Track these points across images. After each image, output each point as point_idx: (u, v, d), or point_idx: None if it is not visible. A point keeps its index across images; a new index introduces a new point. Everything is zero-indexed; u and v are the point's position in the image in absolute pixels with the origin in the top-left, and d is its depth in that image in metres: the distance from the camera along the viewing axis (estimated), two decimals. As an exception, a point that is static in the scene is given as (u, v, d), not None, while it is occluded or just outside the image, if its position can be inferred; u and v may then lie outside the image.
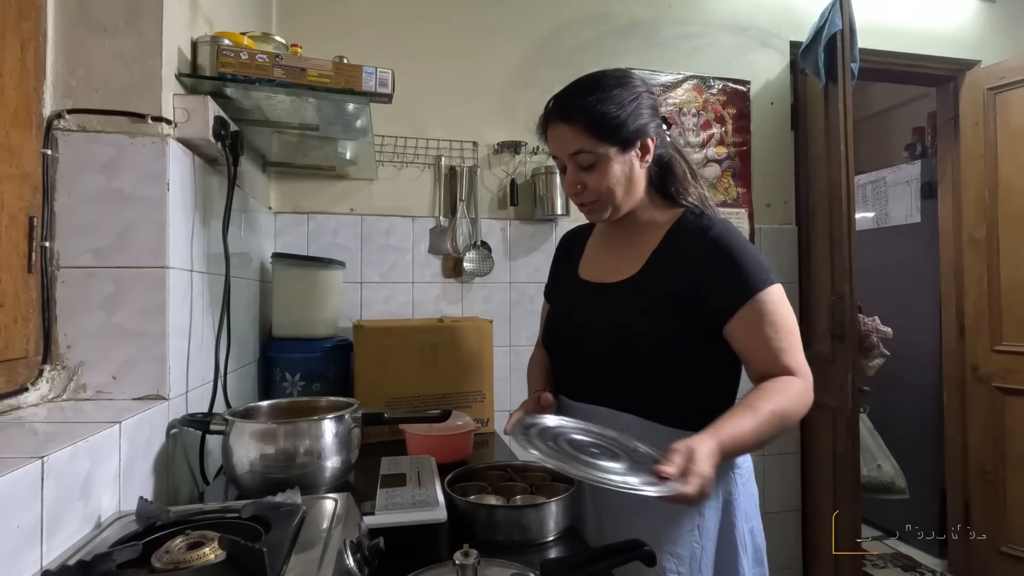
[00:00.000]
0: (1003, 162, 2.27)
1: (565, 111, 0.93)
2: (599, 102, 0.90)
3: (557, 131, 0.94)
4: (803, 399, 0.85)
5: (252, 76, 1.00)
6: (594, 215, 0.98)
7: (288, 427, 0.86)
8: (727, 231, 0.91)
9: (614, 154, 0.91)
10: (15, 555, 0.53)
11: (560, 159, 0.96)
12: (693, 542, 0.89)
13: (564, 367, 1.04)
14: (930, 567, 2.54)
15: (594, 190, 0.93)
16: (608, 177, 0.92)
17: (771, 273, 0.88)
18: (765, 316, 0.86)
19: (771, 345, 0.86)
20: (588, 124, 0.90)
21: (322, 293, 1.55)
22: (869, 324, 2.14)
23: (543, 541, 0.79)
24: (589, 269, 1.06)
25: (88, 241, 0.85)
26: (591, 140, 0.90)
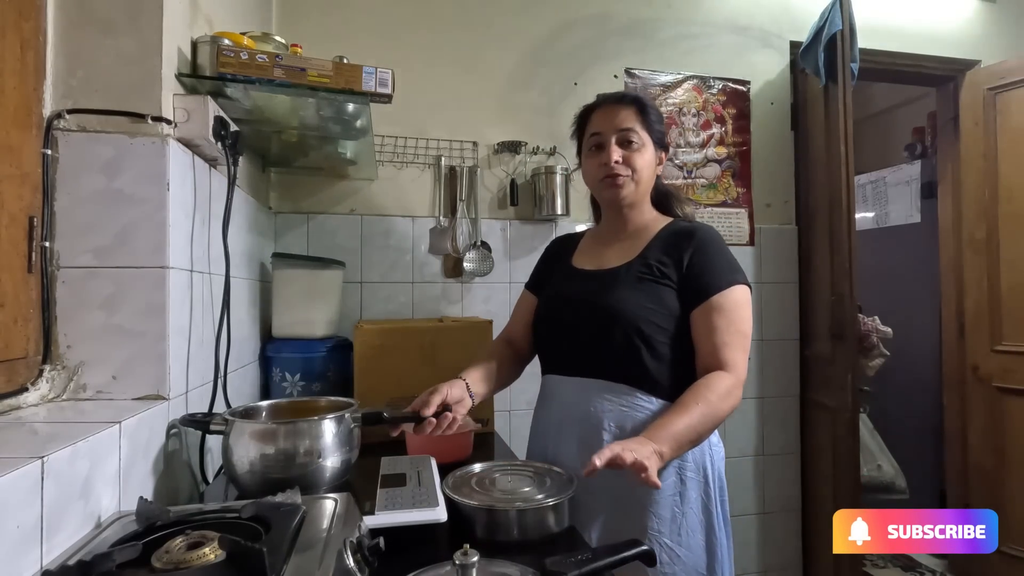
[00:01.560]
0: (1003, 162, 2.27)
1: (620, 96, 1.09)
2: (648, 101, 1.09)
3: (610, 110, 1.07)
4: (728, 392, 0.93)
5: (252, 76, 1.00)
6: (618, 190, 1.06)
7: (288, 427, 0.86)
8: (710, 232, 1.05)
9: (650, 144, 1.07)
10: (15, 555, 0.53)
11: (603, 134, 1.06)
12: (674, 507, 0.97)
13: (560, 345, 1.10)
14: (930, 567, 2.54)
15: (631, 165, 1.05)
16: (644, 158, 1.06)
17: (740, 275, 1.00)
18: (720, 311, 0.97)
19: (717, 337, 0.96)
20: (640, 111, 1.06)
21: (322, 293, 1.55)
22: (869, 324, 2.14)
23: (543, 541, 0.79)
24: (584, 260, 1.14)
25: (88, 241, 0.85)
26: (640, 123, 1.06)
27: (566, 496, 0.83)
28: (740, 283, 1.00)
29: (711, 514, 1.00)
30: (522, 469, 0.96)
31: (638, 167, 1.05)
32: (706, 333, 0.97)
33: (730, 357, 0.95)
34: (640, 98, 1.09)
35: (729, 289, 0.98)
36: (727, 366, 0.95)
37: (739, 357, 0.96)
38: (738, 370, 0.96)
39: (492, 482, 0.90)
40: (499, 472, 0.94)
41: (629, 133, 1.05)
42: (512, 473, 0.94)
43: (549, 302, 1.14)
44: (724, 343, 0.96)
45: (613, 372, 1.00)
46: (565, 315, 1.08)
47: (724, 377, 0.94)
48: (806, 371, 2.17)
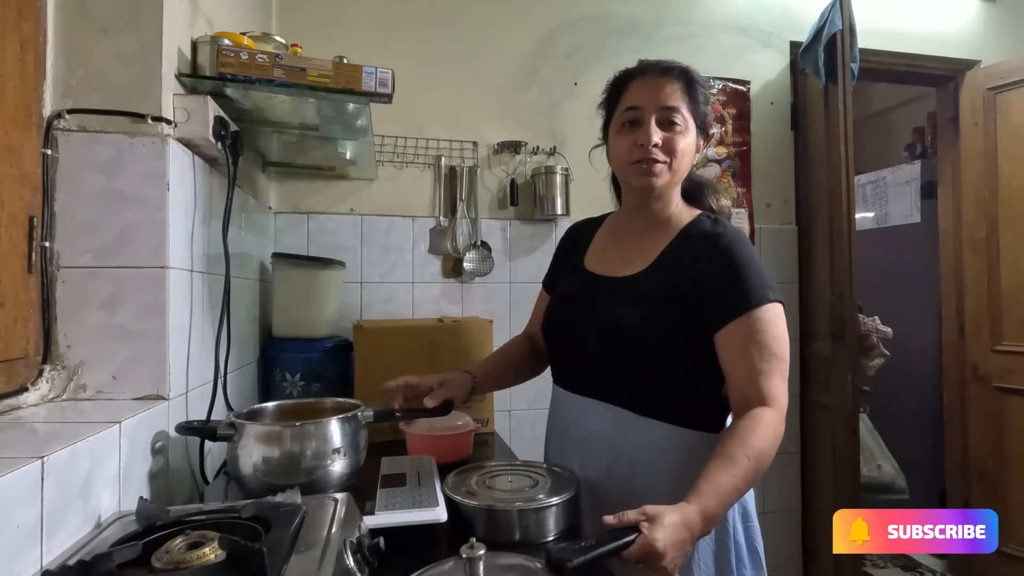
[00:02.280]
0: (1003, 162, 2.27)
1: (667, 67, 0.94)
2: (697, 78, 0.95)
3: (654, 82, 0.93)
4: (775, 434, 0.82)
5: (252, 76, 1.00)
6: (652, 177, 0.92)
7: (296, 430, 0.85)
8: (738, 240, 0.90)
9: (694, 128, 0.94)
10: (15, 555, 0.53)
11: (643, 110, 0.92)
12: None
13: (562, 357, 1.05)
14: (930, 567, 2.54)
15: (673, 150, 0.91)
16: (688, 144, 0.93)
17: (772, 291, 0.87)
18: (754, 334, 0.84)
19: (752, 364, 0.84)
20: (688, 87, 0.93)
21: (322, 293, 1.55)
22: (869, 324, 2.14)
23: (543, 541, 0.79)
24: (596, 261, 1.05)
25: (88, 241, 0.85)
26: (687, 103, 0.92)
27: (567, 496, 0.83)
28: (773, 300, 0.86)
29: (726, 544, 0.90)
30: (522, 469, 0.95)
31: (679, 153, 0.91)
32: (737, 359, 0.85)
33: (769, 387, 0.83)
34: (690, 71, 0.94)
35: (760, 308, 0.85)
36: (768, 399, 0.82)
37: (779, 386, 0.84)
38: (779, 402, 0.83)
39: (492, 482, 0.89)
40: (499, 472, 0.94)
41: (673, 113, 0.91)
42: (512, 473, 0.93)
43: (554, 307, 1.07)
44: (760, 371, 0.83)
45: (615, 395, 0.93)
46: (568, 325, 1.01)
47: (768, 416, 0.81)
48: (806, 371, 2.17)
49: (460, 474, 0.92)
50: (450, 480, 0.88)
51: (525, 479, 0.90)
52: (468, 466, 0.96)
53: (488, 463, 0.98)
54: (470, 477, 0.91)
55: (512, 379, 1.16)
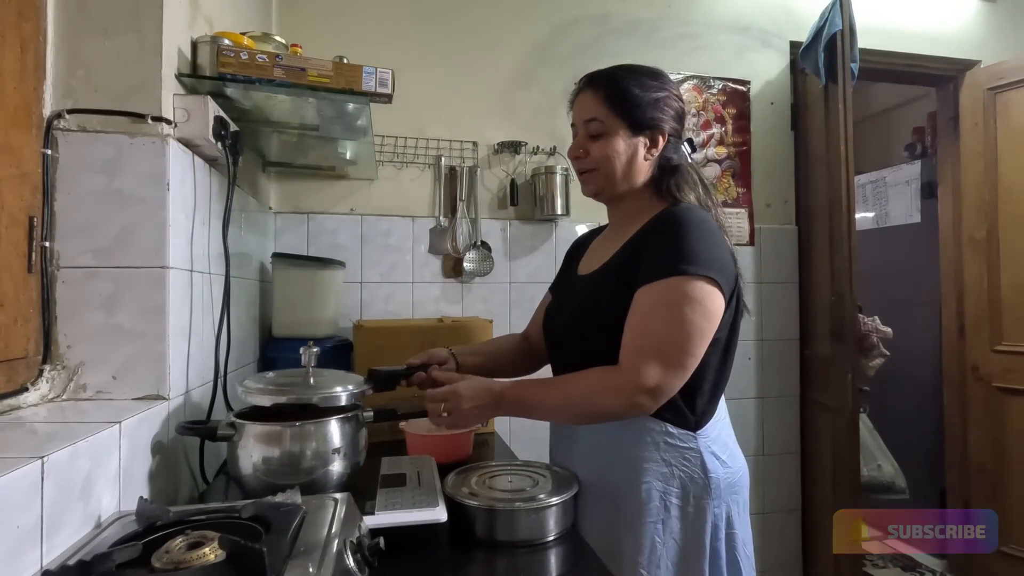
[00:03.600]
0: (1003, 162, 2.27)
1: (593, 79, 0.98)
2: (626, 79, 0.95)
3: (581, 97, 0.98)
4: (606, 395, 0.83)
5: (252, 76, 1.00)
6: (588, 186, 0.99)
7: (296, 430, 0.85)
8: (684, 212, 0.88)
9: (623, 132, 0.94)
10: (15, 555, 0.53)
11: (576, 126, 0.99)
12: (655, 535, 0.86)
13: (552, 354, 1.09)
14: (930, 567, 2.53)
15: (594, 158, 0.95)
16: (609, 148, 0.94)
17: (701, 267, 0.81)
18: (658, 306, 0.82)
19: (636, 334, 0.83)
20: (608, 94, 0.95)
21: (322, 293, 1.55)
22: (869, 324, 2.14)
23: (543, 541, 0.79)
24: (584, 264, 1.08)
25: (88, 241, 0.85)
26: (606, 110, 0.94)
27: (567, 495, 0.83)
28: (688, 274, 0.80)
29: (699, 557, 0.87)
30: (522, 469, 0.95)
31: (601, 158, 0.94)
32: (628, 324, 0.84)
33: (635, 360, 0.81)
34: (612, 78, 0.95)
35: (673, 279, 0.81)
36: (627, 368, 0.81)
37: (646, 365, 0.80)
38: (638, 377, 0.80)
39: (492, 482, 0.89)
40: (499, 472, 0.94)
41: (591, 124, 0.95)
42: (512, 473, 0.93)
43: (547, 313, 1.11)
44: (637, 345, 0.82)
45: None
46: (553, 323, 1.06)
47: (610, 373, 0.83)
48: (806, 371, 2.17)
49: (460, 474, 0.92)
50: (450, 480, 0.88)
51: (525, 479, 0.90)
52: (468, 466, 0.96)
53: (488, 463, 0.98)
54: (470, 477, 0.91)
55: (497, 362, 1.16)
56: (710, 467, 0.88)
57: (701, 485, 0.88)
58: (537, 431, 1.10)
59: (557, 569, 0.76)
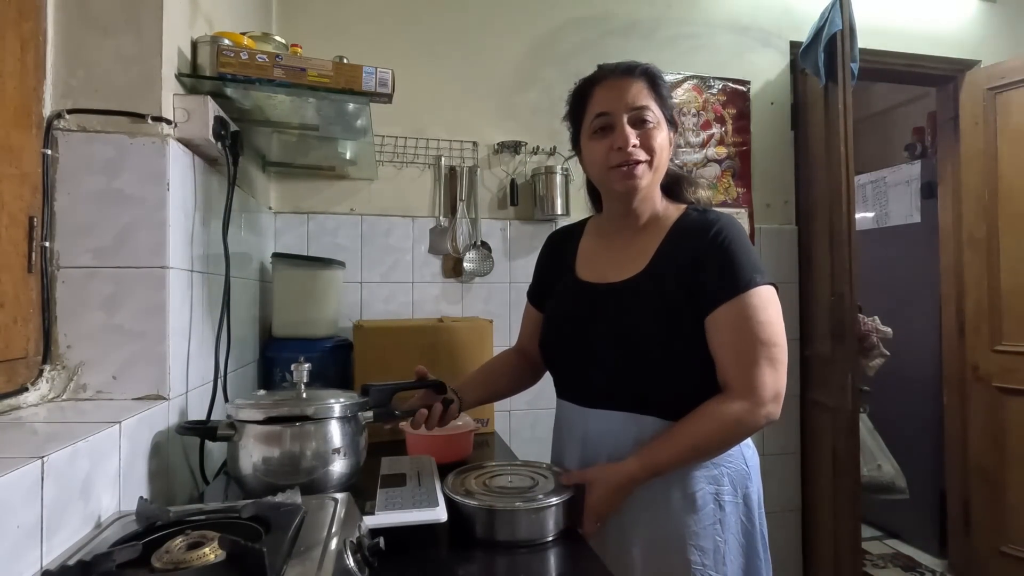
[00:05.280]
0: (1003, 162, 2.27)
1: (631, 69, 0.94)
2: (660, 75, 0.96)
3: (621, 83, 0.93)
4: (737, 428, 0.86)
5: (252, 76, 1.00)
6: (634, 180, 0.92)
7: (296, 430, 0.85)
8: (730, 226, 0.91)
9: (665, 123, 0.94)
10: (15, 555, 0.53)
11: (613, 114, 0.92)
12: (716, 536, 0.89)
13: (573, 374, 1.01)
14: (930, 567, 2.54)
15: (650, 148, 0.91)
16: (662, 139, 0.93)
17: (762, 275, 0.87)
18: (741, 320, 0.85)
19: (737, 353, 0.85)
20: (652, 84, 0.93)
21: (322, 293, 1.55)
22: (869, 324, 2.14)
23: (543, 541, 0.79)
24: (588, 270, 1.03)
25: (88, 241, 0.85)
26: (654, 101, 0.93)
27: (567, 496, 0.83)
28: (762, 284, 0.86)
29: (753, 536, 0.93)
30: (522, 469, 0.95)
31: (657, 149, 0.91)
32: (723, 345, 0.86)
33: (750, 376, 0.84)
34: (651, 69, 0.94)
35: (748, 292, 0.85)
36: (747, 389, 0.84)
37: (761, 374, 0.84)
38: (759, 392, 0.83)
39: (492, 482, 0.89)
40: (499, 472, 0.93)
41: (644, 111, 0.91)
42: (512, 473, 0.93)
43: (553, 322, 1.04)
44: (745, 360, 0.84)
45: (638, 403, 0.91)
46: (571, 340, 0.98)
47: (733, 408, 0.84)
48: (806, 371, 2.17)
49: (460, 474, 0.92)
50: (450, 480, 0.88)
51: (525, 479, 0.90)
52: (468, 466, 0.95)
53: (488, 463, 0.98)
54: (469, 477, 0.91)
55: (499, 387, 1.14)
56: (747, 455, 0.95)
57: (744, 473, 0.93)
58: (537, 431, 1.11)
59: (557, 569, 0.76)
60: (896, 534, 2.82)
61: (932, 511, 2.57)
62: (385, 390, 0.98)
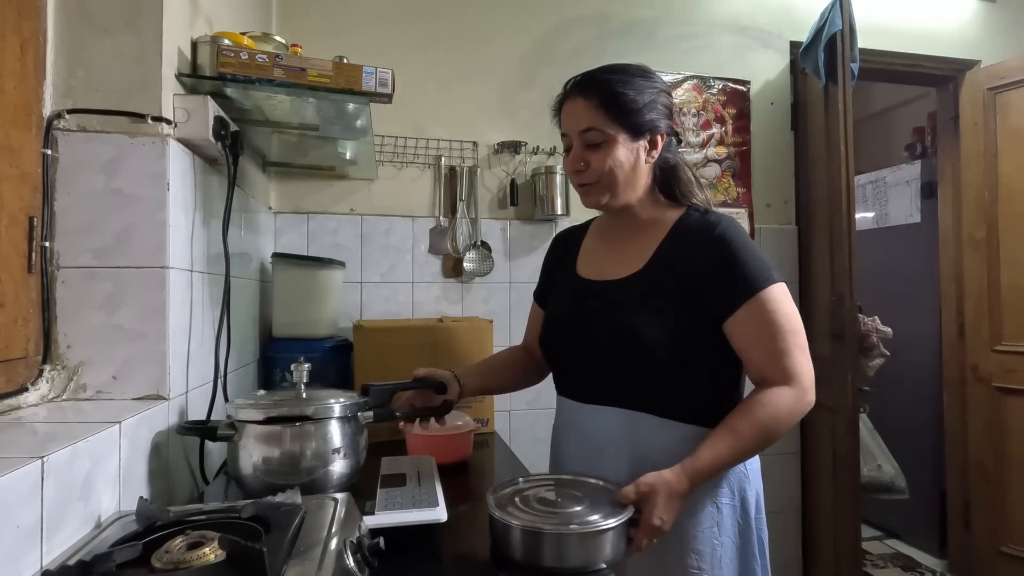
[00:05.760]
0: (1003, 162, 2.27)
1: (584, 85, 0.93)
2: (619, 83, 0.91)
3: (572, 105, 0.94)
4: (792, 410, 0.85)
5: (252, 76, 0.99)
6: (591, 199, 0.95)
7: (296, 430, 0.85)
8: (733, 227, 0.91)
9: (623, 139, 0.91)
10: (15, 555, 0.53)
11: (569, 137, 0.95)
12: (713, 539, 0.89)
13: (571, 370, 1.02)
14: (930, 567, 2.54)
15: (597, 170, 0.92)
16: (613, 158, 0.91)
17: (774, 271, 0.88)
18: (764, 316, 0.85)
19: (768, 347, 0.86)
20: (603, 100, 0.91)
21: (322, 293, 1.55)
22: (869, 324, 2.14)
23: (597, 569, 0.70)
24: (588, 267, 1.04)
25: (88, 241, 0.85)
26: (604, 118, 0.90)
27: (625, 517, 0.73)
28: (777, 280, 0.88)
29: (749, 539, 0.92)
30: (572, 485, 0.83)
31: (605, 170, 0.91)
32: (752, 343, 0.87)
33: (788, 365, 0.85)
34: (605, 83, 0.91)
35: (765, 290, 0.86)
36: (787, 378, 0.85)
37: (799, 362, 0.86)
38: (802, 378, 0.85)
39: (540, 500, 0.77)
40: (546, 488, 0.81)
41: (589, 133, 0.91)
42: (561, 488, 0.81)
43: (552, 318, 1.05)
44: (777, 351, 0.85)
45: (633, 400, 0.91)
46: (570, 335, 0.99)
47: (783, 393, 0.84)
48: (807, 371, 2.16)
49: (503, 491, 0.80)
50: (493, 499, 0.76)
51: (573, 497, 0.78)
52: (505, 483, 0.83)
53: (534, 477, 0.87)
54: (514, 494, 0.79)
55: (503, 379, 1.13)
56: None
57: (742, 475, 0.92)
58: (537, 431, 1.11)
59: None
60: (896, 534, 2.82)
61: (932, 511, 2.57)
62: (385, 390, 0.98)
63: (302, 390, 0.92)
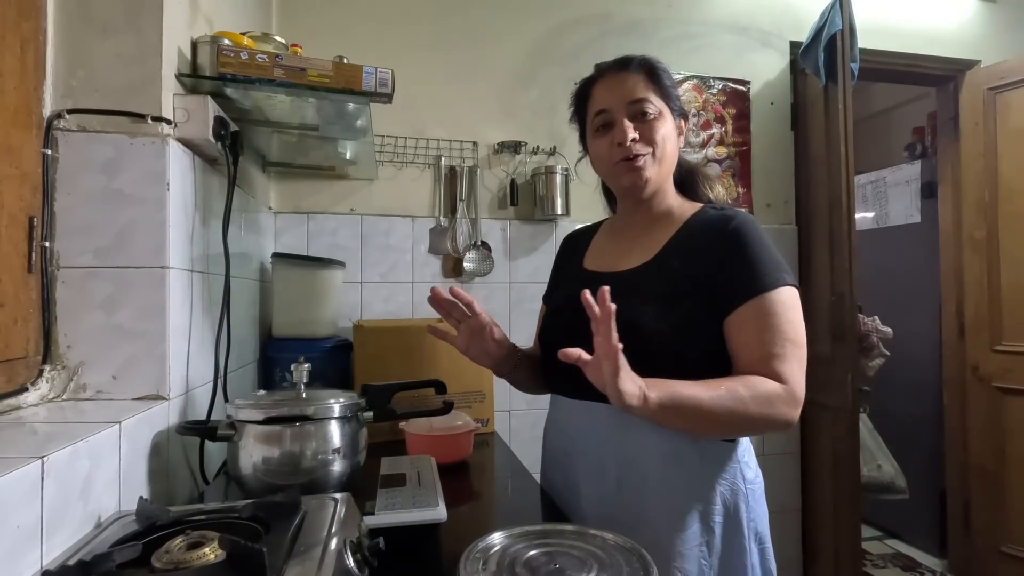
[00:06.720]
0: (1003, 162, 2.27)
1: (626, 62, 0.92)
2: (659, 65, 0.93)
3: (616, 79, 0.92)
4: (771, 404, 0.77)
5: (252, 76, 1.00)
6: (643, 171, 0.89)
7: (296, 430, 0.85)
8: (748, 223, 0.86)
9: (668, 114, 0.92)
10: (15, 555, 0.53)
11: (611, 111, 0.90)
12: (701, 559, 0.83)
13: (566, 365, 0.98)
14: (930, 567, 2.54)
15: (651, 140, 0.89)
16: (665, 130, 0.90)
17: (787, 274, 0.83)
18: (767, 317, 0.80)
19: (764, 350, 0.80)
20: (650, 76, 0.91)
21: (322, 293, 1.55)
22: (869, 324, 2.14)
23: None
24: (595, 261, 1.01)
25: (88, 241, 0.85)
26: (653, 92, 0.90)
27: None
28: (788, 284, 0.82)
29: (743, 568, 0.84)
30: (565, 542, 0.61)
31: (659, 141, 0.88)
32: (748, 345, 0.81)
33: (782, 369, 0.78)
34: (648, 60, 0.92)
35: (774, 291, 0.81)
36: (781, 380, 0.79)
37: (794, 371, 0.79)
38: (793, 387, 0.78)
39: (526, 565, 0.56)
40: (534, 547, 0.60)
41: (642, 104, 0.89)
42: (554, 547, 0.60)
43: (552, 312, 1.02)
44: (773, 355, 0.79)
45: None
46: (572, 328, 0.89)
47: (770, 383, 0.78)
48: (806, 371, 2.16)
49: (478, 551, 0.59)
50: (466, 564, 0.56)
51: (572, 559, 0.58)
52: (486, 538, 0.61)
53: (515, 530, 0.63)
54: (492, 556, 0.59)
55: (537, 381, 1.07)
56: (747, 477, 0.87)
57: (741, 496, 0.86)
58: (537, 431, 1.10)
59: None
60: (896, 534, 2.82)
61: (932, 511, 2.57)
62: (385, 390, 0.98)
63: (302, 390, 0.92)
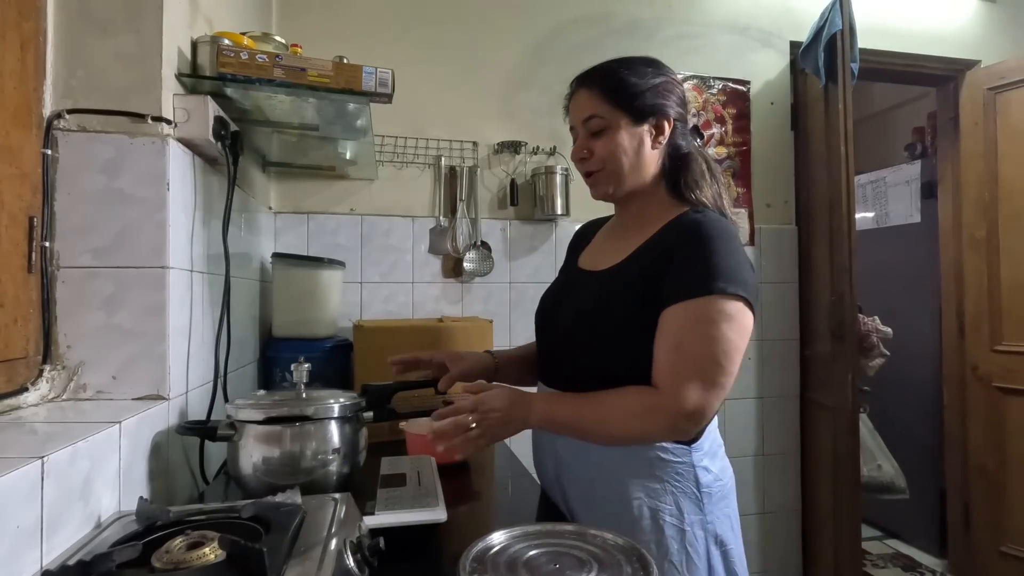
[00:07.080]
0: (1003, 162, 2.27)
1: (586, 76, 0.94)
2: (620, 70, 0.92)
3: (576, 98, 0.95)
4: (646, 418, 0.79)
5: (252, 76, 1.00)
6: (597, 188, 0.94)
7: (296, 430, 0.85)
8: (716, 226, 0.83)
9: (625, 123, 0.90)
10: (15, 555, 0.53)
11: (575, 128, 0.95)
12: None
13: (542, 353, 1.03)
14: (930, 567, 2.53)
15: (600, 157, 0.91)
16: (614, 144, 0.90)
17: (740, 286, 0.78)
18: (692, 323, 0.78)
19: (669, 356, 0.79)
20: (604, 87, 0.91)
21: (322, 293, 1.55)
22: (869, 324, 2.14)
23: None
24: (587, 259, 1.04)
25: (88, 241, 0.85)
26: (604, 105, 0.90)
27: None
28: (723, 294, 0.77)
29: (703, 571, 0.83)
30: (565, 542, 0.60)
31: (607, 156, 0.90)
32: (659, 347, 0.80)
33: (673, 383, 0.77)
34: (604, 71, 0.92)
35: (708, 298, 0.77)
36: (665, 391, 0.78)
37: (686, 387, 0.76)
38: (677, 400, 0.76)
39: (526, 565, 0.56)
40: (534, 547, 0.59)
41: (592, 121, 0.90)
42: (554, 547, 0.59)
43: (540, 305, 1.06)
44: (669, 365, 0.79)
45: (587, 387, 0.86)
46: (549, 319, 1.00)
47: (648, 395, 0.79)
48: (806, 371, 2.17)
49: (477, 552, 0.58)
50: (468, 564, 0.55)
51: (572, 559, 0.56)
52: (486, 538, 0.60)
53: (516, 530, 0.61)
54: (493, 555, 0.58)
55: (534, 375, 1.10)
56: (703, 480, 0.86)
57: (694, 500, 0.85)
58: (537, 431, 1.10)
59: None
60: (896, 534, 2.82)
61: (932, 511, 2.57)
62: (385, 390, 0.98)
63: (302, 390, 0.92)
